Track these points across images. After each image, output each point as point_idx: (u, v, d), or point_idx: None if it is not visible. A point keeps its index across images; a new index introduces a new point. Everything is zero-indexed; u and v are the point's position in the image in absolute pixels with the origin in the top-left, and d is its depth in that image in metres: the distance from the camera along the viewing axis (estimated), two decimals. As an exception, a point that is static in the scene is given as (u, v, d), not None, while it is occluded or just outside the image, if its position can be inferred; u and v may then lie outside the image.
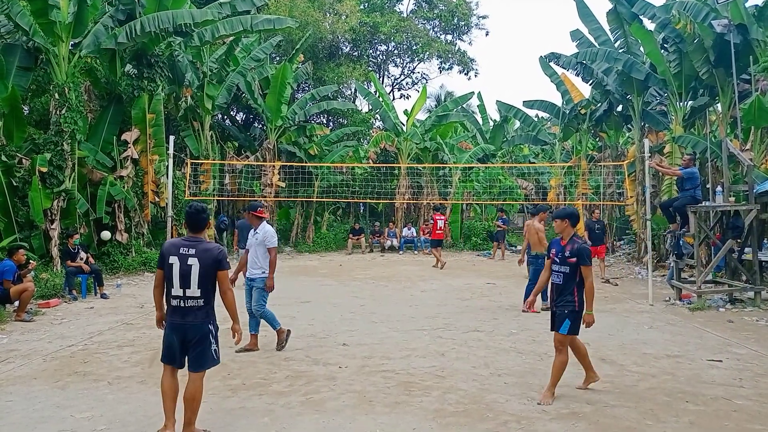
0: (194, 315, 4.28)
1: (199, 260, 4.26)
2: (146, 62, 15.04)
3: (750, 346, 7.22)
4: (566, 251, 5.21)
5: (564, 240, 5.34)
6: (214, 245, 4.44)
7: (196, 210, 4.48)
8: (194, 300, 4.27)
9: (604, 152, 20.27)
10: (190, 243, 4.35)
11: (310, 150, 21.50)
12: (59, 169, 12.60)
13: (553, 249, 5.39)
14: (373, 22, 27.74)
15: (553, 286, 5.34)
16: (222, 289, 4.42)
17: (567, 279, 5.20)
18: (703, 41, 13.17)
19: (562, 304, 5.21)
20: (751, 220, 10.08)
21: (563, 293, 5.23)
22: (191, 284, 4.25)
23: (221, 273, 4.35)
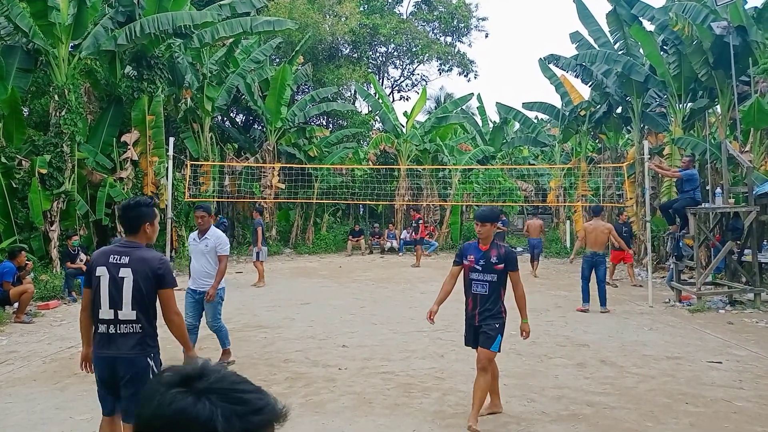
0: (127, 344, 3.31)
1: (134, 271, 3.27)
2: (146, 64, 15.05)
3: (750, 347, 7.22)
4: (491, 257, 4.63)
5: (485, 245, 4.71)
6: (154, 254, 3.43)
7: (133, 203, 3.48)
8: (128, 324, 3.31)
9: (604, 154, 20.27)
10: (123, 249, 3.36)
11: (309, 152, 21.50)
12: (59, 170, 12.59)
13: (471, 255, 4.71)
14: (373, 23, 27.76)
15: (477, 297, 4.67)
16: (166, 312, 3.43)
17: (493, 288, 4.61)
18: (703, 43, 13.19)
19: (491, 318, 4.61)
20: (750, 221, 10.09)
21: (489, 305, 4.62)
22: (123, 303, 3.27)
23: (164, 292, 3.36)
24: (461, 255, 4.80)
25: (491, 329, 4.60)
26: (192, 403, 0.93)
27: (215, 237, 6.16)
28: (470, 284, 4.71)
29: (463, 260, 4.75)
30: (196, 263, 6.18)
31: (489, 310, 4.63)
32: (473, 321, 4.71)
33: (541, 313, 9.57)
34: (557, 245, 21.09)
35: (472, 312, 4.71)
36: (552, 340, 7.67)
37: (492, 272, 4.62)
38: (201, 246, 6.11)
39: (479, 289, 4.65)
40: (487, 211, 4.79)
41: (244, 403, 0.95)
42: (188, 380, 0.96)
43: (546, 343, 7.46)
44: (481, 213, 4.78)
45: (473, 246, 4.79)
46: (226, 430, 0.91)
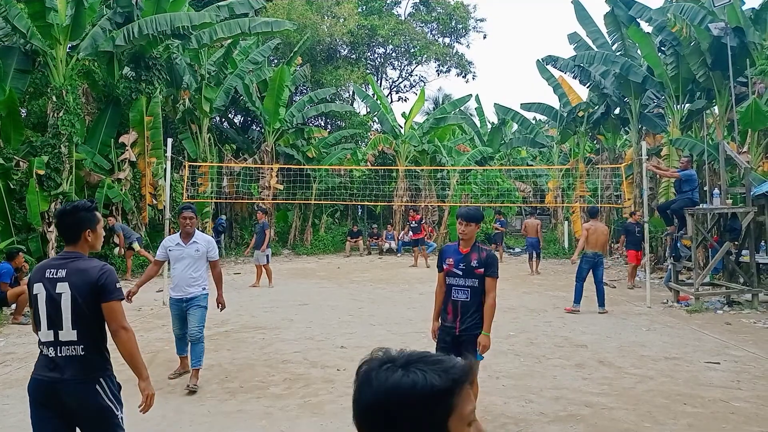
0: (70, 368, 2.84)
1: (72, 285, 2.84)
2: (144, 65, 15.04)
3: (747, 348, 7.23)
4: (472, 260, 4.26)
5: (465, 247, 4.34)
6: (94, 263, 2.98)
7: (70, 208, 3.01)
8: (69, 346, 2.86)
9: (602, 155, 20.31)
10: (60, 262, 2.93)
11: (308, 152, 21.51)
12: (57, 171, 12.58)
13: (450, 258, 4.35)
14: (371, 24, 27.77)
15: (457, 304, 4.30)
16: (112, 328, 2.96)
17: (474, 294, 4.27)
18: (700, 44, 13.22)
19: (473, 326, 4.27)
20: (748, 222, 10.10)
21: (470, 312, 4.28)
22: (63, 322, 2.84)
23: (108, 305, 2.91)
24: (440, 259, 4.45)
25: (474, 338, 4.28)
26: (403, 374, 1.13)
27: (206, 241, 5.75)
28: (450, 290, 4.34)
29: (442, 264, 4.41)
30: (181, 269, 5.64)
31: (471, 319, 4.27)
32: (453, 330, 4.31)
33: (539, 314, 9.58)
34: (555, 246, 21.11)
35: (453, 321, 4.31)
36: (550, 340, 7.67)
37: (473, 276, 4.25)
38: (190, 251, 5.63)
39: (460, 296, 4.28)
40: (472, 210, 4.40)
41: (440, 362, 1.15)
42: (387, 362, 1.18)
43: (544, 344, 7.46)
44: (466, 211, 4.34)
45: (453, 248, 4.42)
46: (443, 384, 1.11)
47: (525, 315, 9.52)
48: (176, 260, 5.68)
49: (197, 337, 5.60)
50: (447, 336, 4.37)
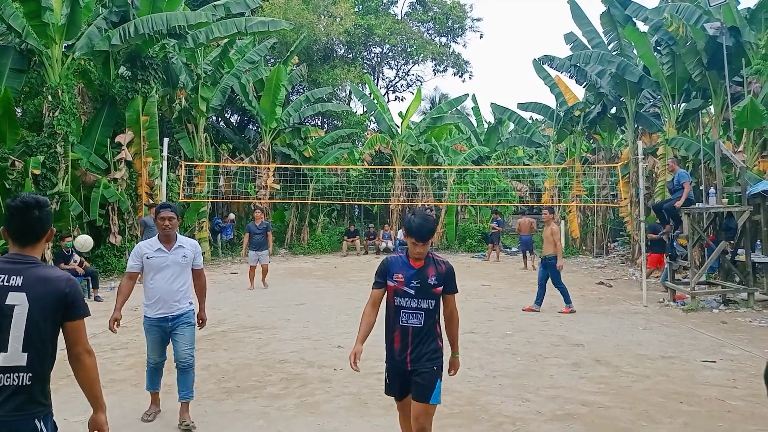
0: (12, 403, 2.29)
1: (31, 298, 2.27)
2: (140, 64, 15.00)
3: (743, 346, 7.25)
4: (429, 277, 3.46)
5: (418, 261, 3.50)
6: (59, 272, 2.44)
7: (27, 203, 2.39)
8: (13, 374, 2.31)
9: (598, 154, 20.36)
10: (13, 266, 2.32)
11: (304, 152, 21.49)
12: (52, 171, 12.54)
13: (399, 274, 3.49)
14: (368, 24, 27.76)
15: (407, 331, 3.48)
16: (74, 352, 2.52)
17: (428, 317, 3.47)
18: (696, 44, 13.26)
19: (428, 358, 3.47)
20: (743, 221, 10.13)
21: (426, 341, 3.48)
22: (10, 343, 2.26)
23: (74, 325, 2.45)
24: (384, 273, 3.56)
25: (429, 375, 3.46)
26: None
27: (192, 245, 4.83)
28: (397, 314, 3.50)
29: (387, 280, 3.53)
30: (164, 281, 4.66)
31: (424, 348, 3.47)
32: (403, 365, 3.51)
33: (536, 313, 9.60)
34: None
35: (402, 353, 3.51)
36: (547, 339, 7.68)
37: (429, 297, 3.46)
38: (175, 258, 4.68)
39: (411, 321, 3.46)
40: (428, 224, 3.47)
41: None
42: None
43: (541, 343, 7.47)
44: (419, 228, 3.41)
45: (401, 261, 3.55)
46: None
47: (522, 314, 9.54)
48: (157, 270, 4.66)
49: (190, 363, 4.71)
50: (395, 372, 3.60)
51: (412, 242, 3.48)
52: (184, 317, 4.73)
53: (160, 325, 4.72)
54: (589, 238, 20.52)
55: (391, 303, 3.58)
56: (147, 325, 4.80)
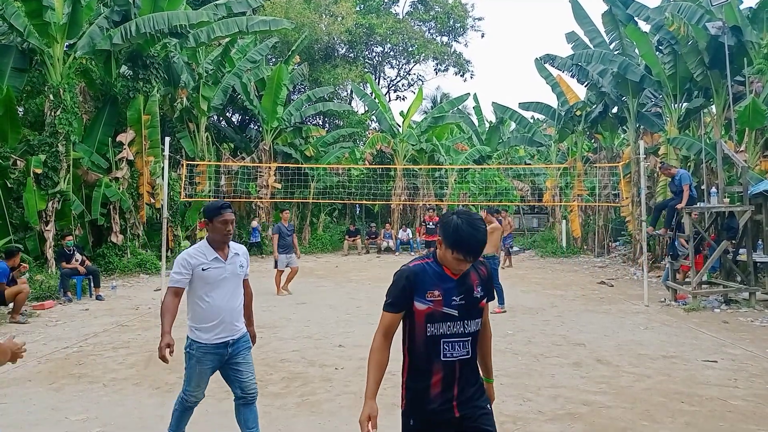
0: None
1: None
2: (141, 63, 15.02)
3: (745, 346, 7.25)
4: (475, 289, 2.53)
5: (456, 270, 2.47)
6: None
7: None
8: None
9: (600, 154, 20.33)
10: None
11: (306, 151, 21.51)
12: (54, 170, 12.56)
13: (436, 290, 2.46)
14: (369, 23, 27.76)
15: (452, 367, 2.50)
16: None
17: (475, 344, 2.58)
18: (698, 43, 13.23)
19: (479, 396, 2.60)
20: (745, 221, 10.12)
21: (474, 372, 2.62)
22: None
23: None
24: (408, 291, 2.49)
25: (488, 418, 2.62)
26: None
27: (244, 252, 4.04)
28: (435, 346, 2.49)
29: (415, 301, 2.49)
30: (224, 299, 3.81)
31: (473, 384, 2.58)
32: (448, 414, 2.53)
33: (537, 313, 9.59)
34: (553, 245, 21.14)
35: (445, 397, 2.51)
36: (548, 339, 7.68)
37: (477, 315, 2.54)
38: (233, 268, 3.88)
39: (458, 352, 2.50)
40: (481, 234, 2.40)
41: None
42: None
43: (542, 343, 7.47)
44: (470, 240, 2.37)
45: (433, 271, 2.51)
46: None
47: (523, 314, 9.54)
48: (214, 285, 3.79)
49: (256, 394, 3.94)
50: (434, 425, 2.58)
51: (455, 258, 2.40)
52: (243, 340, 3.92)
53: (218, 352, 3.78)
54: (591, 237, 20.51)
55: (422, 332, 2.48)
56: (200, 353, 3.76)
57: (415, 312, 2.49)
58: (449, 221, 2.41)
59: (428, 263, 2.53)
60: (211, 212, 3.85)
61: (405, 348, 2.61)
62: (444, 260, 2.48)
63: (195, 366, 3.78)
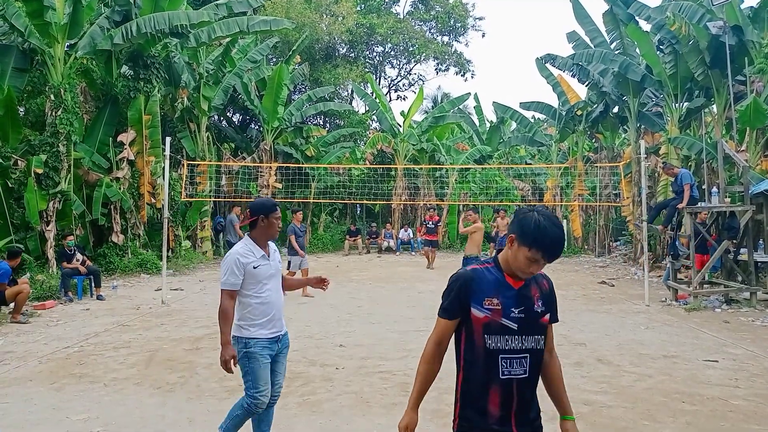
0: None
1: None
2: (142, 63, 15.02)
3: (746, 346, 7.24)
4: (535, 302, 2.33)
5: (525, 273, 2.28)
6: None
7: None
8: None
9: (601, 153, 20.33)
10: None
11: (306, 151, 21.52)
12: (55, 170, 12.56)
13: (494, 298, 2.27)
14: (370, 23, 27.76)
15: (510, 386, 2.29)
16: None
17: (534, 364, 2.36)
18: (699, 43, 13.23)
19: (537, 422, 2.44)
20: (746, 220, 10.11)
21: (533, 397, 2.40)
22: None
23: None
24: (465, 296, 2.31)
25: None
26: None
27: (275, 248, 4.07)
28: (493, 360, 2.28)
29: (472, 308, 2.29)
30: (275, 293, 3.91)
31: (531, 409, 2.40)
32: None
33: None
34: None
35: (502, 416, 2.31)
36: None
37: (537, 331, 2.34)
38: (276, 264, 3.97)
39: (515, 370, 2.30)
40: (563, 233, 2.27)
41: None
42: None
43: (543, 342, 7.46)
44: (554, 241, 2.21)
45: (492, 277, 2.32)
46: None
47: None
48: (267, 280, 3.85)
49: (278, 396, 4.09)
50: None
51: (530, 258, 2.21)
52: (286, 337, 3.99)
53: (271, 347, 3.85)
54: (591, 237, 20.51)
55: (480, 343, 2.29)
56: (259, 348, 3.76)
57: (473, 320, 2.30)
58: (529, 217, 2.24)
59: (488, 268, 2.36)
60: (267, 209, 3.86)
61: (461, 361, 2.41)
62: (512, 262, 2.28)
63: (258, 363, 3.77)
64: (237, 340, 3.78)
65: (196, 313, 9.49)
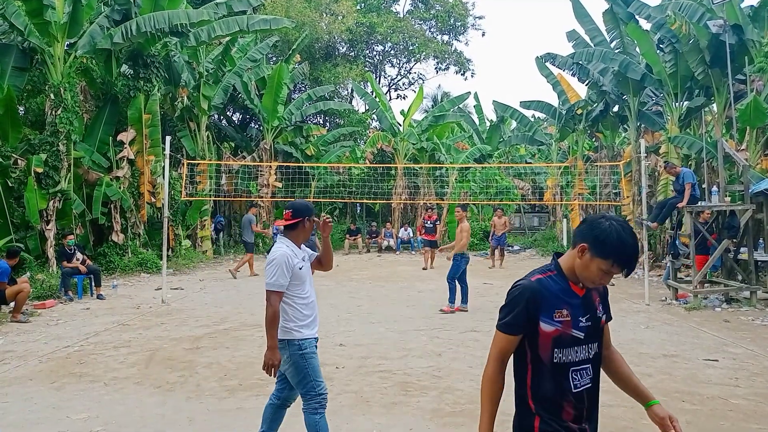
0: None
1: None
2: (142, 62, 15.01)
3: (746, 345, 7.24)
4: (597, 307, 2.26)
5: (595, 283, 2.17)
6: None
7: None
8: None
9: (601, 152, 20.32)
10: None
11: (306, 150, 21.52)
12: (55, 169, 12.56)
13: (564, 309, 2.13)
14: (370, 22, 27.75)
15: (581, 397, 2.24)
16: None
17: (596, 371, 2.39)
18: (699, 42, 13.22)
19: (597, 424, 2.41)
20: (746, 219, 10.11)
21: (597, 403, 2.39)
22: None
23: None
24: (533, 309, 2.12)
25: None
26: None
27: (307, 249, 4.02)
28: (565, 375, 2.18)
29: (541, 322, 2.12)
30: (313, 293, 3.88)
31: (597, 413, 2.40)
32: None
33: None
34: (554, 243, 21.14)
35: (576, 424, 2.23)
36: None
37: (599, 337, 2.30)
38: (309, 265, 3.92)
39: (584, 381, 2.25)
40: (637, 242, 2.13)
41: None
42: None
43: (543, 342, 7.46)
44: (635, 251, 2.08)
45: (559, 286, 2.18)
46: None
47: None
48: (307, 281, 3.81)
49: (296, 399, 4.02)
50: None
51: (605, 270, 2.08)
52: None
53: (316, 345, 3.82)
54: (592, 236, 20.45)
55: (548, 359, 2.14)
56: (312, 347, 3.73)
57: (540, 334, 2.12)
58: (607, 227, 2.06)
59: (551, 277, 2.20)
60: (311, 211, 3.84)
61: (526, 378, 2.21)
62: (581, 272, 2.14)
63: (314, 360, 3.73)
64: (288, 344, 3.66)
65: (196, 312, 9.49)
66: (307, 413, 3.72)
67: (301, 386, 3.71)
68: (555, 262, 2.25)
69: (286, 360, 3.67)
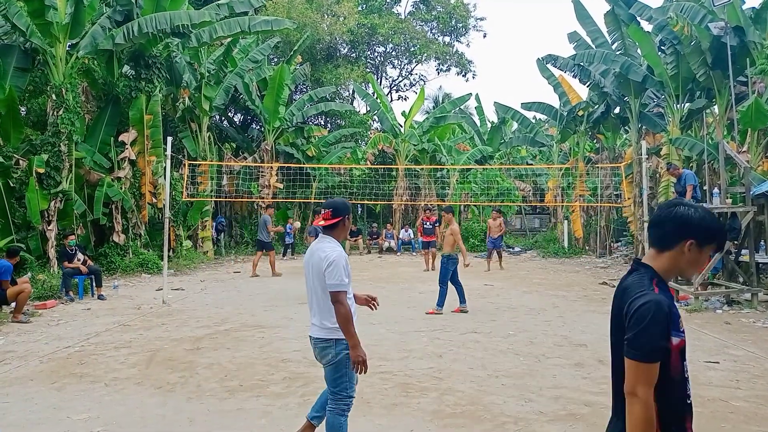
0: None
1: None
2: (144, 63, 15.03)
3: (747, 347, 7.23)
4: None
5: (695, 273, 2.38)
6: None
7: None
8: None
9: (602, 154, 20.32)
10: None
11: (307, 151, 21.53)
12: (56, 170, 12.57)
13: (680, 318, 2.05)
14: (371, 23, 27.77)
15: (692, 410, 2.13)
16: None
17: None
18: (700, 43, 13.22)
19: None
20: (747, 221, 10.10)
21: None
22: None
23: None
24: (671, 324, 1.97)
25: None
26: None
27: None
28: (685, 387, 2.05)
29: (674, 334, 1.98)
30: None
31: None
32: None
33: (539, 313, 9.58)
34: (555, 245, 21.13)
35: None
36: (550, 339, 7.67)
37: None
38: None
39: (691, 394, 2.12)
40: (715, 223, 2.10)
41: None
42: None
43: (544, 343, 7.46)
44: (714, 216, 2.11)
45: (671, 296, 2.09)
46: None
47: (525, 314, 9.52)
48: (350, 281, 3.78)
49: None
50: None
51: (708, 254, 2.08)
52: None
53: None
54: (593, 238, 20.49)
55: (678, 371, 2.01)
56: None
57: (672, 348, 1.99)
58: (701, 213, 2.04)
59: (659, 284, 2.04)
60: (349, 210, 3.82)
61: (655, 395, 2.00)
62: (688, 267, 2.09)
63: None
64: (336, 343, 3.66)
65: (196, 313, 9.49)
66: (332, 413, 3.75)
67: (335, 385, 3.74)
68: (652, 271, 2.10)
69: (330, 358, 3.71)
